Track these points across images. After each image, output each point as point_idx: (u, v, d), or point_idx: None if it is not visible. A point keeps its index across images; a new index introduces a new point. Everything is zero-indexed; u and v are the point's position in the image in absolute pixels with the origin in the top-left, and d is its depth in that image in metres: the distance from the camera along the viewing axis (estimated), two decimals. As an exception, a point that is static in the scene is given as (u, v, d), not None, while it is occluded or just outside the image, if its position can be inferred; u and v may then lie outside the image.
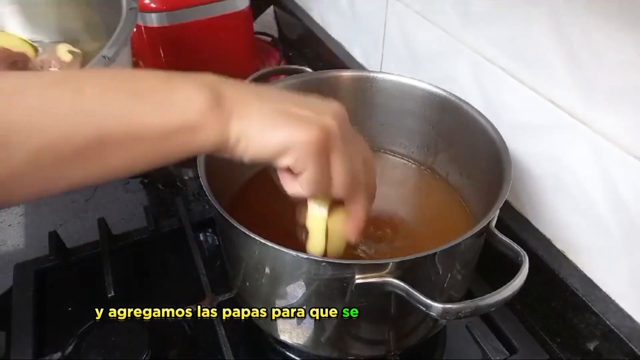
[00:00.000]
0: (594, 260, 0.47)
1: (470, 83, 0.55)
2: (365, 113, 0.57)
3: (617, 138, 0.41)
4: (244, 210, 0.49)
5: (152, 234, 0.59)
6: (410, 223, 0.51)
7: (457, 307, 0.34)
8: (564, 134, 0.46)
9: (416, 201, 0.54)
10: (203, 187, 0.41)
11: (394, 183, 0.56)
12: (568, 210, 0.48)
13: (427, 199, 0.54)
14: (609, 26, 0.39)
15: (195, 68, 0.89)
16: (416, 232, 0.49)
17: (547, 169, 0.49)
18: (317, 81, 0.55)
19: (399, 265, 0.35)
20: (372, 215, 0.49)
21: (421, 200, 0.54)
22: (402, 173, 0.57)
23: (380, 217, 0.51)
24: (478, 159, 0.48)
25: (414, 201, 0.55)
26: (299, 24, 0.93)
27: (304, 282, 0.38)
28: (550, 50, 0.45)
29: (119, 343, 0.46)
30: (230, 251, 0.44)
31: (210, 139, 0.31)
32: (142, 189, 0.68)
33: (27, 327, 0.50)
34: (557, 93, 0.46)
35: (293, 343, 0.44)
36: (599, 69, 0.41)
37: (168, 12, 0.73)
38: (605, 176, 0.43)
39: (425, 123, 0.54)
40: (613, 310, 0.45)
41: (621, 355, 0.44)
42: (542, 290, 0.50)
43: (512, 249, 0.37)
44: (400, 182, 0.56)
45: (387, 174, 0.56)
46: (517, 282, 0.35)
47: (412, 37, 0.64)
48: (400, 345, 0.44)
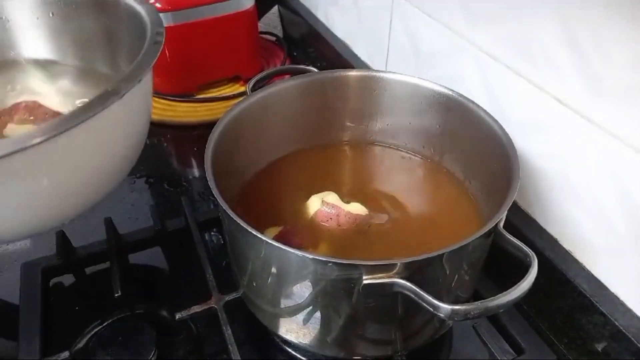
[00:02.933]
0: (602, 260, 0.47)
1: (477, 82, 0.55)
2: (370, 113, 0.57)
3: (625, 136, 0.41)
4: (249, 209, 0.49)
5: (158, 234, 0.59)
6: (418, 218, 0.51)
7: (465, 308, 0.33)
8: (571, 132, 0.46)
9: (426, 197, 0.54)
10: (210, 186, 0.41)
11: (402, 178, 0.56)
12: (575, 209, 0.48)
13: (437, 195, 0.54)
14: (616, 23, 0.39)
15: (200, 67, 0.90)
16: (425, 228, 0.49)
17: (554, 167, 0.49)
18: (322, 81, 0.55)
19: (406, 266, 0.35)
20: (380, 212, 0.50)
21: (430, 196, 0.54)
22: (410, 168, 0.57)
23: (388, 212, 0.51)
24: (485, 158, 0.48)
25: (423, 196, 0.54)
26: (303, 23, 0.93)
27: (311, 282, 0.38)
28: (557, 47, 0.44)
29: (125, 342, 0.46)
30: (237, 251, 0.44)
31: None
32: (148, 188, 0.68)
33: (34, 327, 0.50)
34: (564, 91, 0.45)
35: (299, 343, 0.44)
36: (606, 67, 0.41)
37: (173, 12, 0.73)
38: (613, 175, 0.43)
39: (431, 122, 0.54)
40: (621, 310, 0.45)
41: (629, 356, 0.43)
42: (550, 291, 0.49)
43: (520, 250, 0.37)
44: (409, 177, 0.56)
45: (395, 169, 0.56)
46: (526, 283, 0.35)
47: (418, 35, 0.64)
48: (406, 346, 0.44)
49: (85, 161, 0.43)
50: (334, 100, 0.56)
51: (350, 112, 0.57)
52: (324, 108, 0.57)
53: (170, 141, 0.78)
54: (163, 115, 0.79)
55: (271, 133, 0.55)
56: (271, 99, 0.53)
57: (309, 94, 0.55)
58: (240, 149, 0.51)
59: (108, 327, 0.47)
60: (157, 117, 0.78)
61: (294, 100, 0.55)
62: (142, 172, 0.70)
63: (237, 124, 0.50)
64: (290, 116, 0.55)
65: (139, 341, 0.46)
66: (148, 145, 0.53)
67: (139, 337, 0.46)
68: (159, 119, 0.78)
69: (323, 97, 0.56)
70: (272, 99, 0.53)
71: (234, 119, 0.49)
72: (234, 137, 0.49)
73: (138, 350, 0.45)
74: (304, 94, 0.55)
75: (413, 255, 0.35)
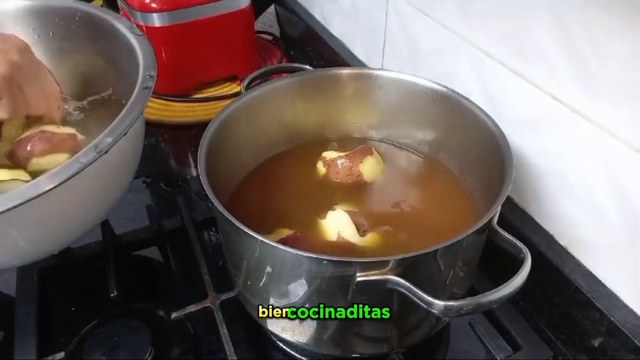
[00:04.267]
0: (598, 256, 0.47)
1: (472, 79, 0.55)
2: (366, 110, 0.57)
3: (620, 132, 0.41)
4: (243, 207, 0.49)
5: (155, 233, 0.59)
6: (414, 214, 0.51)
7: (458, 305, 0.33)
8: (566, 129, 0.46)
9: (421, 193, 0.54)
10: (203, 185, 0.41)
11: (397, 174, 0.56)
12: (571, 206, 0.47)
13: (432, 191, 0.54)
14: (610, 20, 0.39)
15: (196, 67, 0.89)
16: (420, 224, 0.49)
17: (549, 164, 0.49)
18: (318, 79, 0.55)
19: (400, 263, 0.35)
20: (376, 207, 0.50)
21: (425, 193, 0.54)
22: (406, 164, 0.57)
23: (384, 208, 0.51)
24: (480, 155, 0.48)
25: (418, 193, 0.54)
26: (300, 22, 0.93)
27: (306, 280, 0.38)
28: (551, 45, 0.44)
29: (122, 342, 0.46)
30: (232, 250, 0.44)
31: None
32: (145, 188, 0.68)
33: (30, 327, 0.50)
34: (558, 88, 0.45)
35: (295, 341, 0.44)
36: (600, 64, 0.41)
37: (169, 12, 0.73)
38: (608, 171, 0.43)
39: (427, 120, 0.54)
40: (618, 306, 0.45)
41: (626, 351, 0.43)
42: (546, 287, 0.49)
43: (514, 246, 0.37)
44: (403, 173, 0.56)
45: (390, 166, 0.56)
46: (519, 279, 0.35)
47: (413, 33, 0.64)
48: (403, 343, 0.44)
49: (66, 210, 0.43)
50: (329, 98, 0.56)
51: (346, 110, 0.57)
52: (319, 106, 0.57)
53: (167, 141, 0.78)
54: (160, 115, 0.79)
55: (266, 131, 0.55)
56: (266, 97, 0.53)
57: (304, 91, 0.55)
58: (234, 147, 0.51)
59: (104, 327, 0.47)
60: (154, 116, 0.78)
61: (289, 98, 0.55)
62: (138, 172, 0.69)
63: (231, 123, 0.50)
64: (285, 114, 0.55)
65: (135, 341, 0.46)
66: (145, 145, 0.53)
67: (135, 337, 0.46)
68: (156, 118, 0.78)
69: (318, 95, 0.56)
70: (266, 97, 0.53)
71: (227, 118, 0.49)
72: (228, 136, 0.49)
73: (134, 350, 0.46)
74: (299, 92, 0.55)
75: (407, 251, 0.35)
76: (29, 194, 0.35)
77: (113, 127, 0.40)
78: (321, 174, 0.54)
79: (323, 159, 0.54)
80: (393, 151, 0.58)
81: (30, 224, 0.40)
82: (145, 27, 0.74)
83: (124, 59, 0.52)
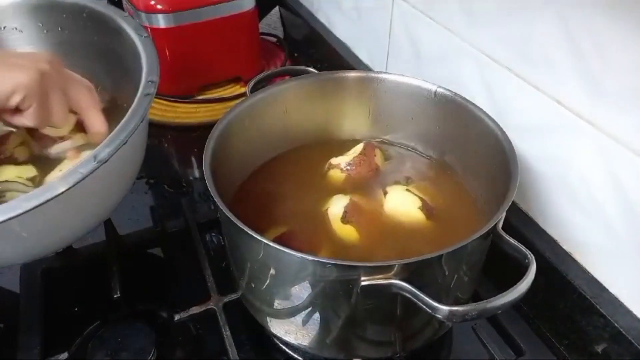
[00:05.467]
0: (601, 261, 0.47)
1: (476, 83, 0.55)
2: (370, 113, 0.57)
3: (625, 139, 0.41)
4: (248, 210, 0.49)
5: (158, 235, 0.59)
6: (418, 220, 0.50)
7: (463, 310, 0.33)
8: (571, 134, 0.45)
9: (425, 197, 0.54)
10: (209, 188, 0.41)
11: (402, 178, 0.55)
12: (575, 211, 0.47)
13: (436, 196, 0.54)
14: (616, 26, 0.39)
15: (200, 69, 0.89)
16: (424, 229, 0.49)
17: (554, 169, 0.49)
18: (322, 82, 0.55)
19: (404, 267, 0.35)
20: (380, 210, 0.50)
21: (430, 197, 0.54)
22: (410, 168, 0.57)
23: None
24: (484, 160, 0.48)
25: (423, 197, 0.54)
26: (304, 25, 0.93)
27: (310, 284, 0.38)
28: (557, 50, 0.44)
29: (125, 343, 0.46)
30: (235, 252, 0.44)
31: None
32: (148, 189, 0.68)
33: (33, 327, 0.50)
34: (564, 93, 0.45)
35: (298, 344, 0.44)
36: (606, 69, 0.41)
37: (174, 14, 0.73)
38: (612, 177, 0.43)
39: (431, 124, 0.54)
40: (621, 312, 0.45)
41: (629, 357, 0.43)
42: (549, 292, 0.49)
43: (519, 251, 0.37)
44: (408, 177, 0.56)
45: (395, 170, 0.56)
46: (524, 284, 0.34)
47: (418, 37, 0.64)
48: (406, 347, 0.44)
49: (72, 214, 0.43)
50: (333, 101, 0.56)
51: (350, 113, 0.57)
52: (324, 108, 0.57)
53: (171, 142, 0.78)
54: (163, 117, 0.79)
55: (270, 134, 0.55)
56: (271, 100, 0.53)
57: (308, 94, 0.55)
58: (239, 150, 0.51)
59: (107, 328, 0.47)
60: (157, 118, 0.78)
61: (293, 100, 0.55)
62: (142, 174, 0.70)
63: (236, 125, 0.50)
64: (289, 117, 0.55)
65: (138, 342, 0.46)
66: (148, 146, 0.53)
67: (138, 338, 0.46)
68: (160, 119, 0.78)
69: (322, 98, 0.56)
70: (271, 99, 0.53)
71: (233, 120, 0.49)
72: (233, 138, 0.50)
73: (137, 351, 0.46)
74: (304, 94, 0.55)
75: (411, 256, 0.35)
76: (28, 205, 0.35)
77: (113, 137, 0.40)
78: (341, 180, 0.53)
79: (337, 165, 0.53)
80: (397, 154, 0.58)
81: (31, 224, 0.40)
82: (150, 28, 0.74)
83: (129, 59, 0.52)
